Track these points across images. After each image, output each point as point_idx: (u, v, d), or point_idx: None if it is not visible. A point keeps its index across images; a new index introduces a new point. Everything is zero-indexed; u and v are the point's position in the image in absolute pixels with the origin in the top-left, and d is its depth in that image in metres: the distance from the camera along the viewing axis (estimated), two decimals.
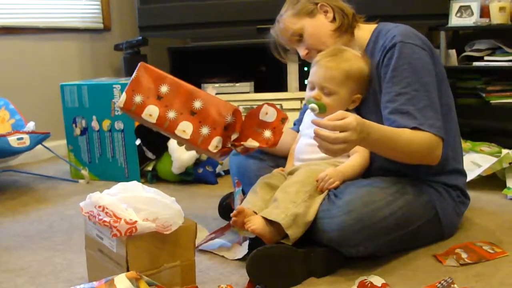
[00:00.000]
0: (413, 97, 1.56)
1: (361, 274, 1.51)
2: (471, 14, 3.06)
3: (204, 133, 1.53)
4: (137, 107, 1.58)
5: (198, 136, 1.53)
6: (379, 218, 1.49)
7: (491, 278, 1.47)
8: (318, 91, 1.66)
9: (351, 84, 1.64)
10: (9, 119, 2.77)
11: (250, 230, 1.50)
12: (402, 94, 1.57)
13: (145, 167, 2.68)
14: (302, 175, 1.60)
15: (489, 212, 2.01)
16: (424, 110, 1.55)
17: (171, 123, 1.55)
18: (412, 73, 1.58)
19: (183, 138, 1.55)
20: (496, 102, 3.08)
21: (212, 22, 3.16)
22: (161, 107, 1.56)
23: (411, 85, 1.57)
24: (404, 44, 1.60)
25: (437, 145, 1.57)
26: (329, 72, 1.63)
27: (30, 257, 1.75)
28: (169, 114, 1.56)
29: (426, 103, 1.56)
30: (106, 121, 2.66)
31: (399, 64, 1.59)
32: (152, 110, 1.57)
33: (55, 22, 3.37)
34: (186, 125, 1.54)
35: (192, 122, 1.54)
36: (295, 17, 1.73)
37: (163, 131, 1.60)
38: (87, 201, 1.38)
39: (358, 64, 1.64)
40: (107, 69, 3.68)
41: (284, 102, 3.09)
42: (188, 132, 1.54)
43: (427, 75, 1.59)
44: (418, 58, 1.60)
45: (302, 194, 1.55)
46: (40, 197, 2.48)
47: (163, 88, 1.58)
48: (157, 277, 1.32)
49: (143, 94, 1.58)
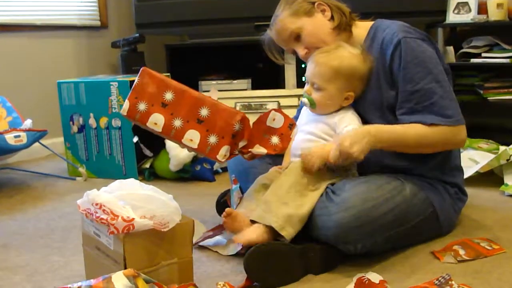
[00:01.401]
0: (427, 92, 1.58)
1: (359, 271, 1.51)
2: (468, 10, 3.06)
3: (212, 142, 1.50)
4: (141, 115, 1.54)
5: (206, 145, 1.51)
6: (377, 215, 1.49)
7: (489, 275, 1.47)
8: (309, 86, 1.67)
9: (340, 81, 1.64)
10: (6, 116, 2.77)
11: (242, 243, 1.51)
12: (416, 91, 1.59)
13: (143, 164, 2.68)
14: (292, 174, 1.60)
15: (486, 209, 2.01)
16: (441, 101, 1.58)
17: (177, 132, 1.53)
18: (422, 68, 1.59)
19: (191, 147, 1.53)
20: (494, 99, 3.08)
21: (209, 19, 3.15)
22: (166, 115, 1.53)
23: (423, 79, 1.59)
24: (407, 39, 1.61)
25: (456, 132, 1.61)
26: (318, 68, 1.64)
27: (28, 255, 1.75)
28: (175, 122, 1.53)
29: (441, 94, 1.58)
30: (103, 118, 2.65)
31: (408, 60, 1.60)
32: (157, 119, 1.54)
33: (52, 19, 3.36)
34: (193, 134, 1.52)
35: (199, 131, 1.51)
36: (292, 17, 1.72)
37: (169, 139, 1.58)
38: (85, 198, 1.38)
39: (351, 62, 1.64)
40: (104, 67, 3.67)
41: (282, 99, 3.09)
42: (196, 141, 1.51)
43: (436, 65, 1.61)
44: (423, 50, 1.61)
45: (293, 194, 1.54)
46: (38, 195, 2.47)
47: (167, 95, 1.54)
48: (155, 275, 1.32)
49: (147, 102, 1.54)
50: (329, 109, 1.66)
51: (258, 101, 3.11)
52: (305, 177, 1.58)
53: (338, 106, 1.66)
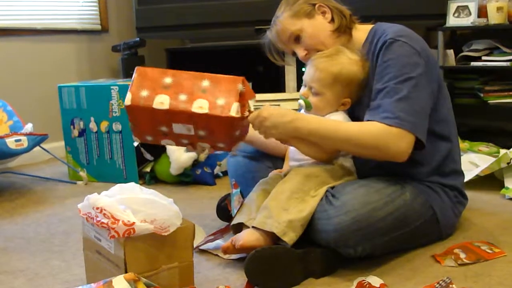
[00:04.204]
0: (391, 90, 1.54)
1: (359, 274, 1.51)
2: (468, 14, 3.06)
3: (220, 103, 1.48)
4: (145, 99, 1.51)
5: (216, 107, 1.48)
6: (376, 219, 1.49)
7: (490, 278, 1.47)
8: (307, 90, 1.67)
9: (338, 88, 1.64)
10: (7, 120, 2.78)
11: (238, 247, 1.51)
12: (381, 90, 1.56)
13: (143, 168, 2.68)
14: (293, 180, 1.59)
15: (487, 212, 2.01)
16: (395, 102, 1.52)
17: (185, 103, 1.49)
18: (396, 69, 1.56)
19: (201, 113, 1.48)
20: (494, 102, 3.08)
21: (209, 23, 3.16)
22: (170, 94, 1.51)
23: (392, 80, 1.55)
24: (393, 41, 1.58)
25: (393, 138, 1.51)
26: (318, 73, 1.64)
27: (28, 259, 1.75)
28: (180, 97, 1.50)
29: (400, 96, 1.52)
30: (104, 122, 2.66)
31: (385, 60, 1.58)
32: (162, 99, 1.51)
33: (53, 23, 3.37)
34: (201, 102, 1.49)
35: (206, 99, 1.50)
36: (293, 18, 1.72)
37: (174, 118, 1.52)
38: (85, 202, 1.38)
39: (350, 68, 1.63)
40: (104, 71, 3.68)
41: (282, 103, 3.09)
42: (205, 106, 1.48)
43: (411, 72, 1.55)
44: (405, 55, 1.57)
45: (294, 201, 1.54)
46: (38, 199, 2.47)
47: (167, 80, 1.53)
48: (155, 279, 1.32)
49: (148, 88, 1.52)
50: (324, 112, 1.66)
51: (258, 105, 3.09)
52: (306, 184, 1.58)
53: (334, 110, 1.67)
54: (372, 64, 1.64)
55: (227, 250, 1.56)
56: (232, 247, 1.54)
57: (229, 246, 1.54)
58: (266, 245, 1.50)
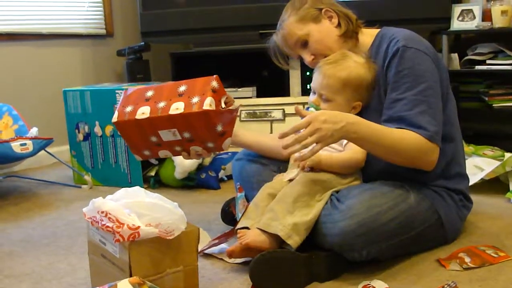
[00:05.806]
0: (410, 102, 1.56)
1: (364, 278, 1.51)
2: (473, 17, 3.06)
3: (195, 101, 1.54)
4: (129, 114, 1.62)
5: (191, 105, 1.54)
6: (381, 223, 1.49)
7: (495, 282, 1.47)
8: (317, 97, 1.68)
9: (348, 92, 1.64)
10: (12, 125, 2.78)
11: (244, 244, 1.51)
12: (399, 100, 1.57)
13: (148, 172, 2.68)
14: (300, 184, 1.60)
15: (492, 216, 2.00)
16: (420, 115, 1.54)
17: (163, 110, 1.57)
18: (412, 79, 1.57)
19: (178, 114, 1.54)
20: (499, 106, 3.08)
21: (214, 27, 3.16)
22: (151, 104, 1.60)
23: (410, 90, 1.57)
24: (406, 48, 1.59)
25: (429, 150, 1.55)
26: (326, 80, 1.64)
27: (33, 263, 1.75)
28: (159, 105, 1.59)
29: (423, 109, 1.55)
30: (108, 126, 2.66)
31: (400, 69, 1.59)
32: (144, 110, 1.60)
33: (58, 28, 3.38)
34: (177, 104, 1.56)
35: (182, 100, 1.56)
36: (299, 23, 1.72)
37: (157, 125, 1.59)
38: (90, 206, 1.38)
39: (358, 72, 1.64)
40: (109, 75, 3.69)
41: (287, 107, 3.09)
42: (181, 107, 1.55)
43: (428, 81, 1.58)
44: (420, 63, 1.59)
45: (299, 204, 1.55)
46: (43, 203, 2.48)
47: (148, 93, 1.64)
48: (160, 282, 1.33)
49: (132, 104, 1.64)
50: None
51: (263, 109, 3.12)
52: (312, 188, 1.58)
53: None
54: (382, 70, 1.65)
55: (232, 254, 1.56)
56: (237, 251, 1.54)
57: (234, 250, 1.54)
58: (271, 247, 1.50)
